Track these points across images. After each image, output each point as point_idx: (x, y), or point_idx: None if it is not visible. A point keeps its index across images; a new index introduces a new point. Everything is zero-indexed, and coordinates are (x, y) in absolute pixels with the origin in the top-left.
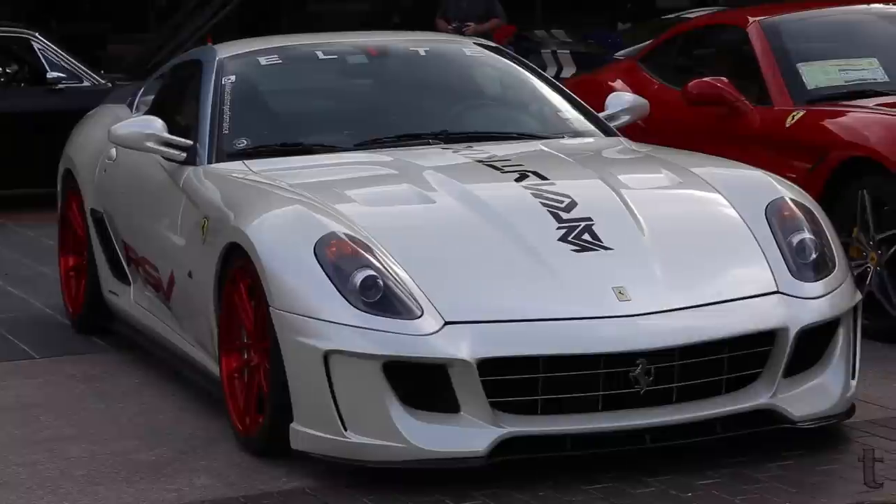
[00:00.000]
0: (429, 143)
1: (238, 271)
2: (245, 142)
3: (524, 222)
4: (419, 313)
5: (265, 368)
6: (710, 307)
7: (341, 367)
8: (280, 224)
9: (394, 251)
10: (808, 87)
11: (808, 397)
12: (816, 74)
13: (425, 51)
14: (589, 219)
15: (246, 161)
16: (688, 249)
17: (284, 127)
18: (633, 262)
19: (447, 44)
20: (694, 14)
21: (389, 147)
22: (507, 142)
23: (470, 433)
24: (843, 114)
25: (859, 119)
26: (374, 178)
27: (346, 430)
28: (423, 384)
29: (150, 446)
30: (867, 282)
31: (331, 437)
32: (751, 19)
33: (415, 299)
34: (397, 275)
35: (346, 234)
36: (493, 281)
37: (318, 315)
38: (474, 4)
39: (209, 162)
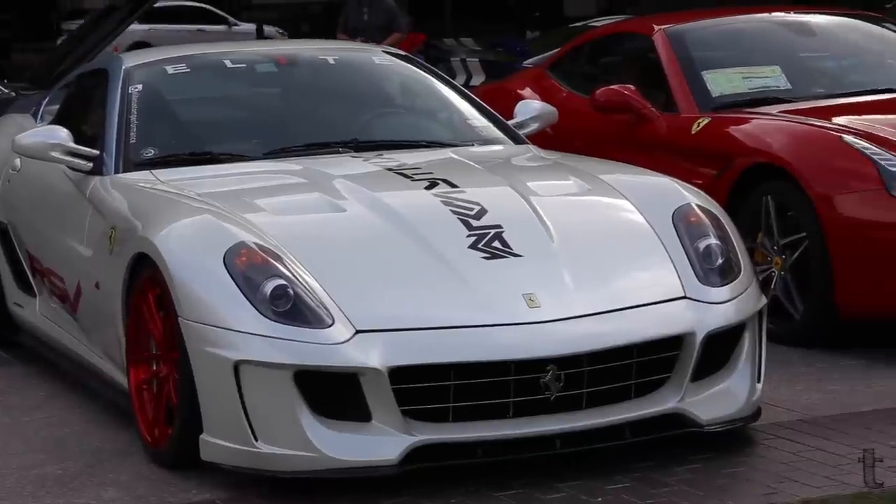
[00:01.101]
0: (339, 152)
1: (146, 282)
2: (152, 151)
3: (434, 230)
4: (330, 322)
5: (174, 379)
6: (618, 313)
7: (252, 378)
8: (189, 234)
9: (304, 260)
10: (713, 95)
11: (715, 401)
12: (721, 82)
13: (334, 59)
14: (499, 226)
15: (153, 171)
16: (596, 256)
17: (192, 136)
18: (543, 269)
19: (356, 52)
20: (601, 22)
21: (299, 156)
22: (416, 150)
23: (381, 441)
24: (747, 121)
25: (763, 126)
26: (283, 186)
27: (256, 440)
28: (335, 393)
29: (57, 460)
30: (772, 286)
31: (241, 447)
32: (656, 28)
33: (325, 308)
34: (308, 284)
35: (255, 244)
36: (403, 289)
37: (228, 325)
38: (376, 16)
39: (116, 172)
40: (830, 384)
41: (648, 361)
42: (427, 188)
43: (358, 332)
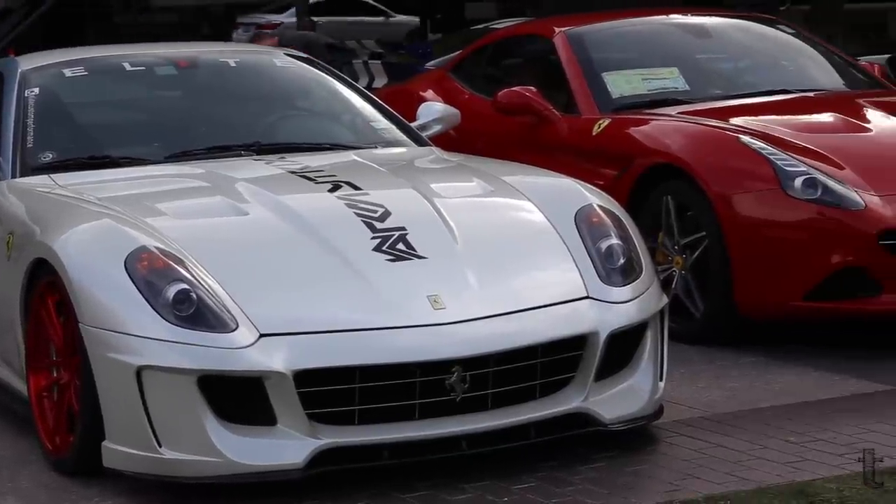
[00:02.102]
0: (241, 155)
1: (45, 287)
2: (51, 155)
3: (338, 233)
4: (234, 326)
5: (76, 386)
6: (522, 313)
7: (155, 383)
8: (88, 238)
9: (207, 264)
10: (613, 96)
11: (619, 400)
12: (620, 83)
13: (235, 62)
14: (403, 228)
15: (52, 175)
16: (500, 257)
17: (91, 140)
18: (447, 271)
19: (258, 55)
20: (502, 25)
21: (201, 159)
22: (319, 153)
23: (287, 445)
24: (646, 122)
25: (662, 127)
26: (185, 190)
27: (160, 446)
28: (239, 397)
29: None
30: (673, 285)
31: (144, 454)
32: (556, 30)
33: (229, 312)
34: (211, 288)
35: (157, 248)
36: (308, 292)
37: (129, 330)
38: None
39: (13, 176)
40: (730, 381)
41: (553, 361)
42: (330, 191)
43: (262, 335)
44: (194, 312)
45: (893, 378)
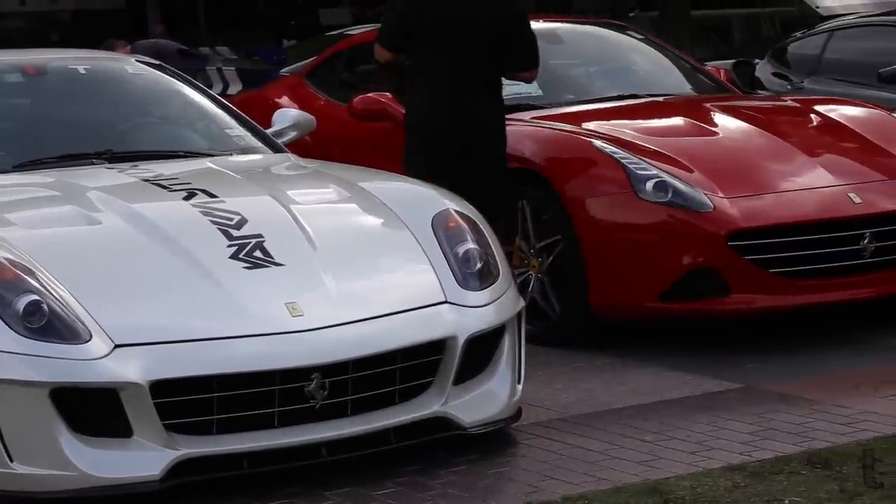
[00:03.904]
0: (93, 163)
1: None
2: None
3: (194, 241)
4: (87, 337)
5: None
6: (381, 319)
7: (5, 397)
8: None
9: (59, 275)
10: None
11: (478, 403)
12: None
13: (85, 69)
14: (259, 235)
15: None
16: (358, 263)
17: None
18: (305, 278)
19: (109, 62)
20: (357, 30)
21: (51, 168)
22: (173, 160)
23: (143, 457)
24: None
25: (517, 132)
26: (35, 199)
27: (11, 461)
28: (94, 410)
29: None
30: (530, 289)
31: None
32: None
33: (82, 323)
34: (63, 299)
35: (6, 259)
36: (163, 301)
37: None
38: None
39: None
40: (587, 382)
41: (411, 366)
42: (185, 199)
43: (117, 346)
44: (45, 324)
45: (744, 376)
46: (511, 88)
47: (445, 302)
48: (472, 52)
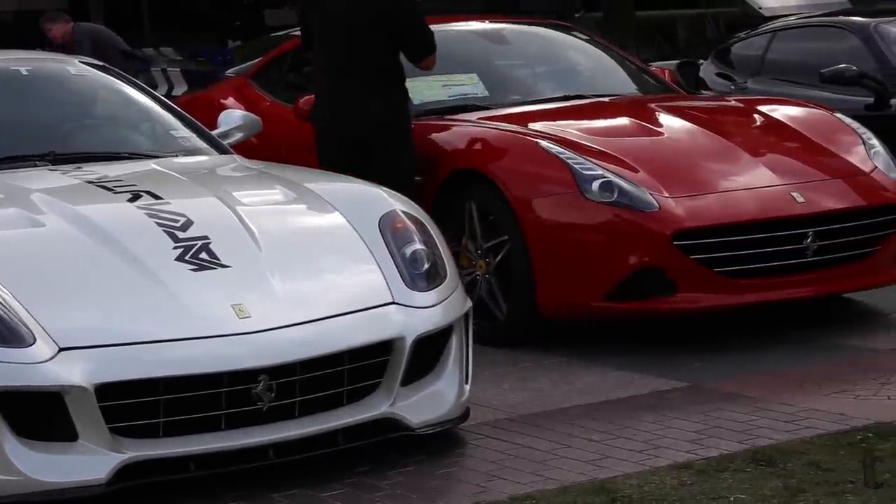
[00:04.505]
0: (36, 165)
1: None
2: None
3: (139, 243)
4: (31, 341)
5: None
6: (328, 320)
7: None
8: None
9: (2, 277)
10: (414, 103)
11: (426, 404)
12: (420, 90)
13: (28, 70)
14: (206, 237)
15: None
16: (305, 264)
17: None
18: (252, 279)
19: (51, 63)
20: None
21: None
22: (118, 162)
23: (89, 461)
24: (447, 128)
25: (463, 133)
26: None
27: None
28: (39, 414)
29: None
30: (477, 289)
31: None
32: None
33: (26, 326)
34: (6, 302)
35: None
36: (109, 304)
37: None
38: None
39: None
40: (534, 382)
41: (359, 368)
42: (130, 200)
43: (61, 349)
44: None
45: (690, 375)
46: (456, 89)
47: (393, 303)
48: (358, 47)
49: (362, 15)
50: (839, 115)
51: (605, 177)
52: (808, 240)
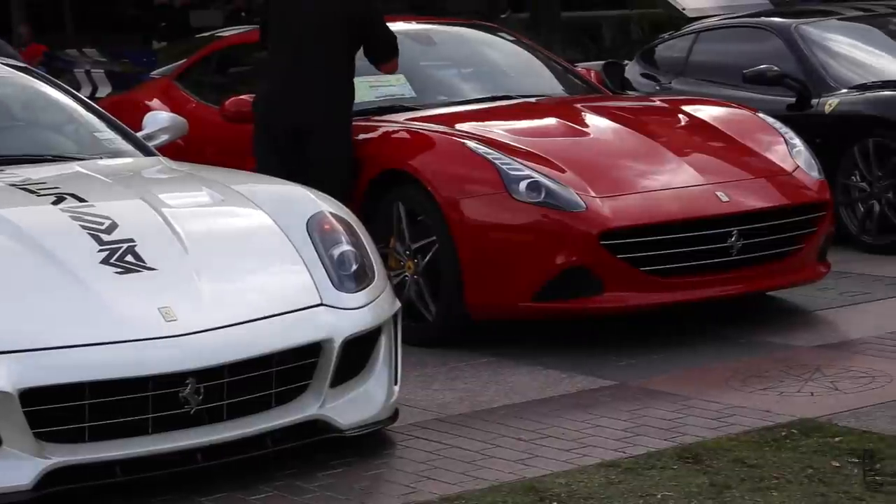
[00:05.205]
0: None
1: None
2: None
3: (64, 246)
4: None
5: None
6: (256, 322)
7: None
8: None
9: None
10: None
11: (355, 406)
12: None
13: None
14: (131, 240)
15: None
16: (232, 266)
17: None
18: (178, 282)
19: None
20: (228, 32)
21: None
22: (41, 164)
23: (13, 467)
24: (375, 129)
25: (390, 134)
26: None
27: None
28: None
29: None
30: (406, 290)
31: None
32: None
33: None
34: None
35: None
36: (33, 308)
37: None
38: None
39: None
40: (463, 382)
41: (288, 370)
42: (54, 203)
43: None
44: None
45: (617, 374)
46: (383, 90)
47: (321, 304)
48: (321, 46)
49: (330, 16)
50: (762, 115)
51: (532, 177)
52: (733, 238)
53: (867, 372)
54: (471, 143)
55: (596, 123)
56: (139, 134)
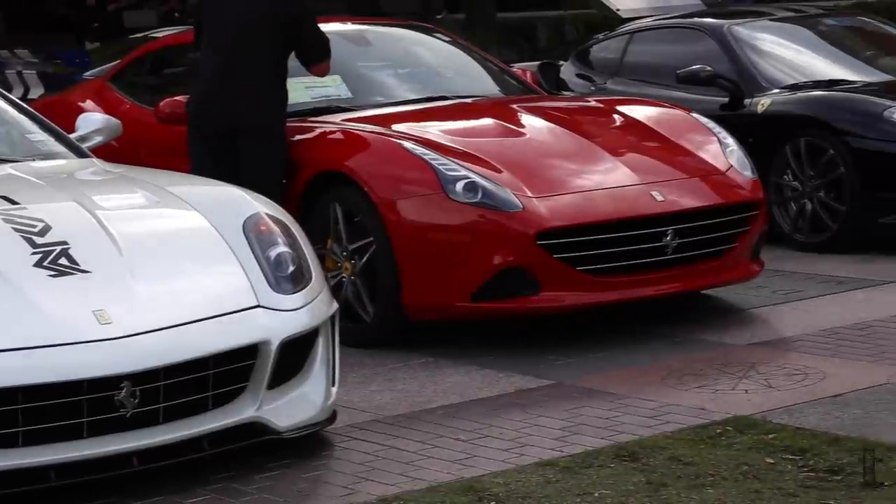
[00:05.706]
0: None
1: None
2: None
3: None
4: None
5: None
6: (192, 325)
7: None
8: None
9: None
10: None
11: (292, 407)
12: None
13: None
14: (65, 242)
15: None
16: (168, 268)
17: None
18: (113, 285)
19: None
20: (162, 33)
21: None
22: None
23: None
24: (311, 130)
25: (327, 135)
26: None
27: None
28: None
29: None
30: (343, 291)
31: None
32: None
33: None
34: None
35: None
36: None
37: None
38: None
39: None
40: (401, 383)
41: (224, 372)
42: None
43: None
44: None
45: (554, 373)
46: (319, 91)
47: (258, 306)
48: (253, 47)
49: (260, 16)
50: (696, 115)
51: (468, 177)
52: (668, 237)
53: (800, 369)
54: (407, 144)
55: (532, 124)
56: (72, 136)
